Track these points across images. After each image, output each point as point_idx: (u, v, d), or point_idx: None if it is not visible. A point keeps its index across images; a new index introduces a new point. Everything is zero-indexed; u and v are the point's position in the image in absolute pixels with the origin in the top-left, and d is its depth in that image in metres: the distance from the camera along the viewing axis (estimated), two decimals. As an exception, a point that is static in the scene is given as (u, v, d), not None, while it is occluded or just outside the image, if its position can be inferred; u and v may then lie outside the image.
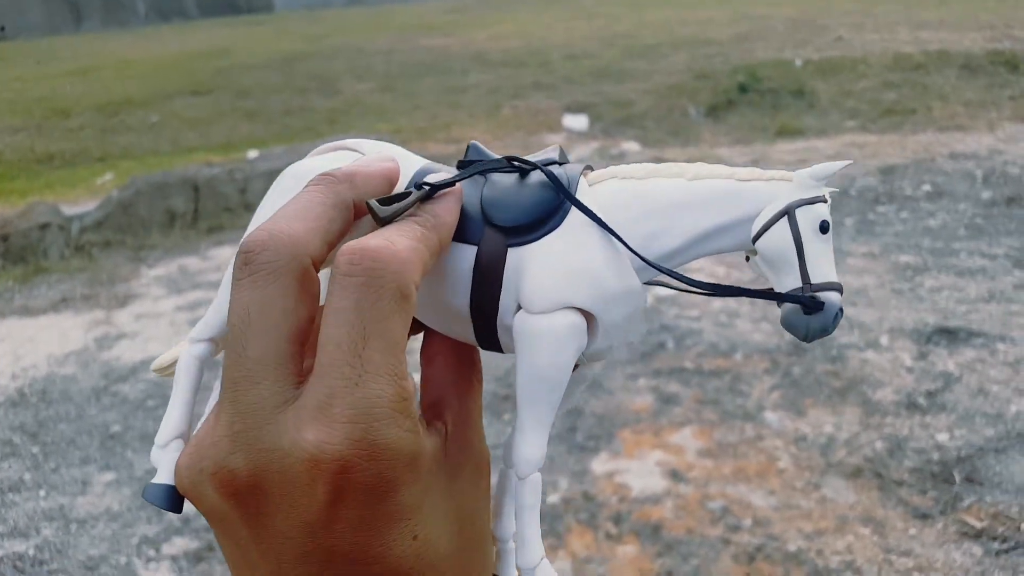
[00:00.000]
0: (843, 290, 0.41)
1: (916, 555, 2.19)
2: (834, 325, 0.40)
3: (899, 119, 6.87)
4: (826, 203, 0.42)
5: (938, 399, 2.88)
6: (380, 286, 0.34)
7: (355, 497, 0.34)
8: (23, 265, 4.99)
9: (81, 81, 11.16)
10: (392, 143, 0.46)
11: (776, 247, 0.41)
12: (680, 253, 0.42)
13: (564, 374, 0.40)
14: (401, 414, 0.34)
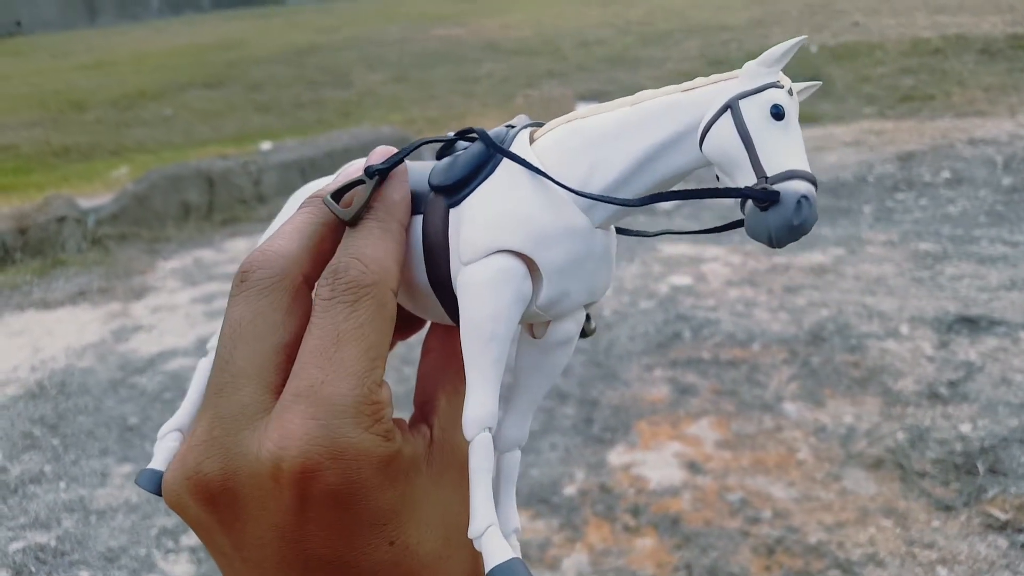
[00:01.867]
0: (813, 178, 0.36)
1: (940, 547, 2.17)
2: (800, 217, 0.35)
3: (917, 105, 6.78)
4: (780, 88, 0.38)
5: (960, 389, 2.84)
6: (355, 300, 0.35)
7: (323, 500, 0.34)
8: (41, 258, 5.02)
9: (96, 75, 11.20)
10: (405, 134, 0.46)
11: (721, 146, 0.36)
12: (628, 181, 0.38)
13: (501, 325, 0.37)
14: (368, 416, 0.34)
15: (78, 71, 11.67)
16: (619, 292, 3.88)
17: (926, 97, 6.88)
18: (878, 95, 7.13)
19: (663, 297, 3.78)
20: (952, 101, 6.72)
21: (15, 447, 3.11)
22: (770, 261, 4.08)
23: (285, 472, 0.33)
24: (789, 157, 0.36)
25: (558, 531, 2.37)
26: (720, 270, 4.03)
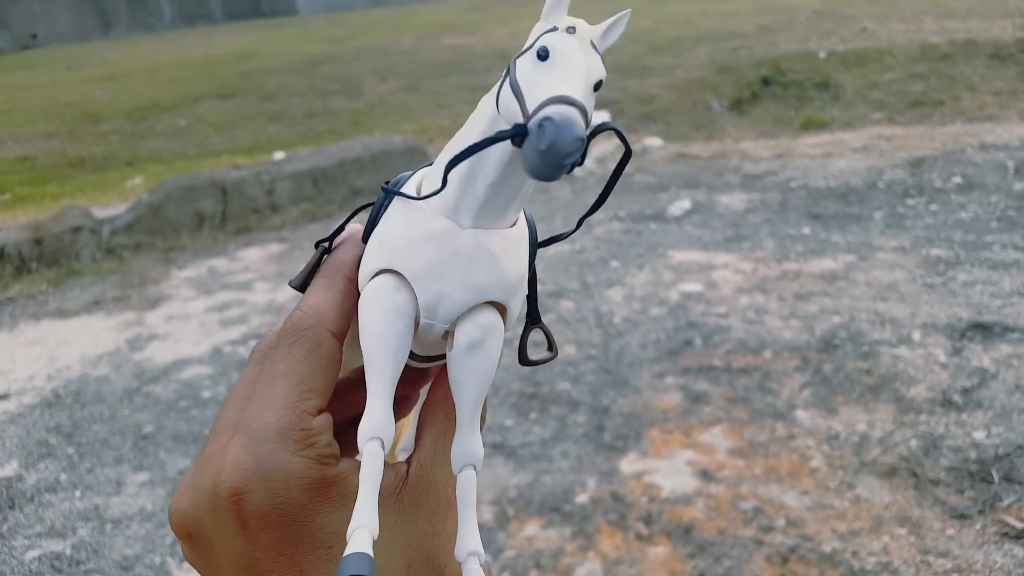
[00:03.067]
0: (569, 99, 0.35)
1: (955, 556, 2.16)
2: (544, 142, 0.34)
3: (927, 110, 6.76)
4: (554, 31, 0.38)
5: (974, 396, 2.83)
6: (292, 342, 0.39)
7: (259, 522, 0.36)
8: (56, 268, 5.06)
9: (110, 86, 11.31)
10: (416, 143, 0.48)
11: (504, 107, 0.36)
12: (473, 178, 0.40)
13: (377, 338, 0.39)
14: (295, 441, 0.37)
15: (93, 83, 11.78)
16: (630, 299, 3.88)
17: (936, 102, 6.86)
18: (887, 101, 7.11)
19: (674, 304, 3.78)
20: (962, 106, 6.70)
21: (31, 455, 3.14)
22: (781, 268, 4.08)
23: (222, 497, 0.36)
24: (548, 88, 0.36)
25: (570, 540, 2.38)
26: (731, 277, 4.03)
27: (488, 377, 0.44)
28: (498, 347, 0.43)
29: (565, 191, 5.78)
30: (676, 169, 6.02)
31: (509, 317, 0.44)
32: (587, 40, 0.40)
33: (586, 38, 0.40)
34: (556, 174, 0.35)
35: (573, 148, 0.34)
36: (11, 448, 3.20)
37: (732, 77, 7.96)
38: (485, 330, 0.43)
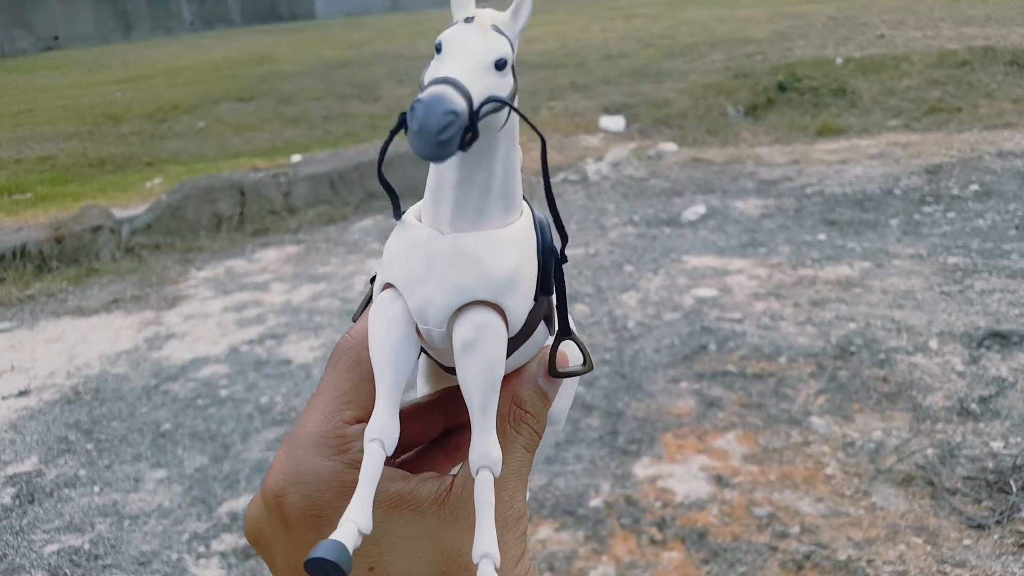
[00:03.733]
0: (444, 79, 0.37)
1: (972, 566, 2.15)
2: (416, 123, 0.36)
3: (944, 117, 6.72)
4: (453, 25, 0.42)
5: (991, 405, 2.81)
6: (335, 360, 0.44)
7: (299, 523, 0.39)
8: (76, 267, 5.12)
9: (131, 88, 11.42)
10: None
11: None
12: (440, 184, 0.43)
13: (377, 345, 0.43)
14: (330, 447, 0.40)
15: (113, 84, 11.90)
16: (644, 304, 3.89)
17: (953, 109, 6.83)
18: (904, 107, 7.08)
19: (688, 309, 3.78)
20: (980, 113, 6.66)
21: (51, 451, 3.17)
22: (796, 274, 4.07)
23: (268, 500, 0.40)
24: (431, 76, 0.39)
25: (584, 543, 2.38)
26: (745, 282, 4.03)
27: (490, 376, 0.45)
28: (495, 346, 0.44)
29: (579, 195, 5.79)
30: (691, 174, 6.01)
31: (510, 317, 0.45)
32: (487, 24, 0.42)
33: (486, 23, 0.42)
34: (438, 151, 0.37)
35: (444, 122, 0.36)
36: (31, 443, 3.24)
37: (748, 83, 7.95)
38: (478, 329, 0.44)
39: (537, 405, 0.51)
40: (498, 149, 0.45)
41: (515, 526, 0.48)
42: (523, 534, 0.49)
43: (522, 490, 0.49)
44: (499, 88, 0.42)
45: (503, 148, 0.45)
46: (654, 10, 13.73)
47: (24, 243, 5.13)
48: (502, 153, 0.45)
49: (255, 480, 2.86)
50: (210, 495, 2.81)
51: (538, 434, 0.50)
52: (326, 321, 4.08)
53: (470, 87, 0.40)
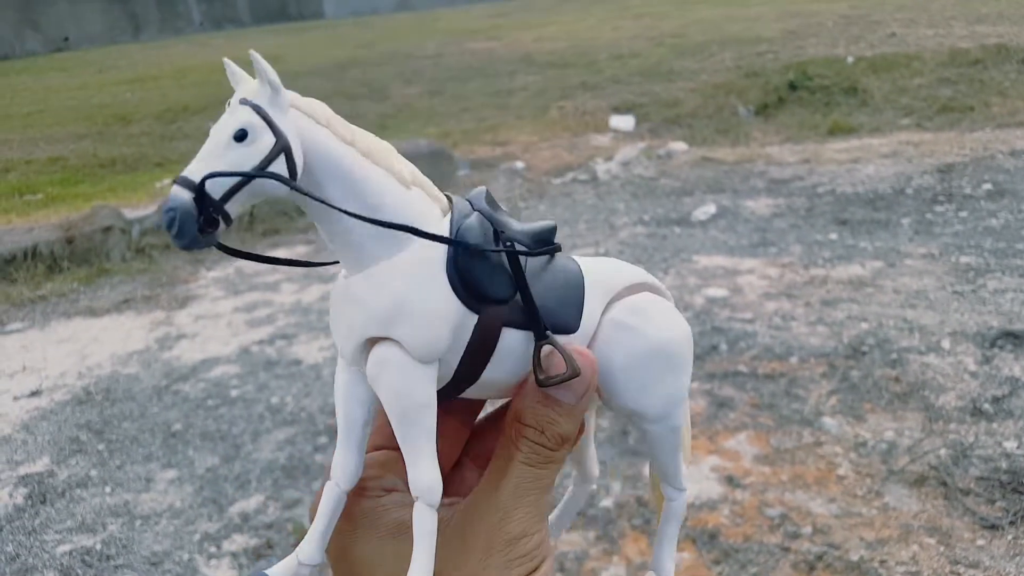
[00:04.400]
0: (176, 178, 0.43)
1: (985, 567, 2.13)
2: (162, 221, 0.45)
3: (956, 116, 6.68)
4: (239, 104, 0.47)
5: (1005, 405, 2.79)
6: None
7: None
8: (87, 267, 5.14)
9: (140, 89, 11.47)
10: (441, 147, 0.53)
11: None
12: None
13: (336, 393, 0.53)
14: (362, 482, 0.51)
15: (123, 85, 11.95)
16: (655, 304, 3.87)
17: (965, 108, 6.78)
18: (916, 106, 7.04)
19: (699, 309, 3.77)
20: (992, 112, 6.62)
21: (62, 452, 3.19)
22: (808, 274, 4.05)
23: None
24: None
25: (595, 544, 2.38)
26: (756, 282, 4.01)
27: (399, 406, 0.48)
28: (395, 377, 0.47)
29: (589, 194, 5.78)
30: (701, 173, 6.00)
31: (408, 345, 0.47)
32: (235, 99, 0.47)
33: (235, 97, 0.47)
34: (179, 243, 0.43)
35: (167, 220, 0.43)
36: (43, 444, 3.26)
37: (758, 82, 7.92)
38: (378, 364, 0.48)
39: (539, 416, 0.50)
40: (332, 198, 0.48)
41: (504, 550, 0.48)
42: (520, 557, 0.48)
43: (521, 509, 0.49)
44: (242, 159, 0.45)
45: (336, 194, 0.48)
46: (664, 9, 13.69)
47: (35, 244, 5.15)
48: (338, 199, 0.48)
49: (265, 480, 2.86)
50: (221, 495, 2.81)
51: (543, 446, 0.49)
52: (336, 321, 4.08)
53: (198, 175, 0.44)
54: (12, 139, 8.97)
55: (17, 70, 15.24)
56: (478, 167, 6.59)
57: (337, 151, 0.48)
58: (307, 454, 2.99)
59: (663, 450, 0.57)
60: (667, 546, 0.61)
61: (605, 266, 0.57)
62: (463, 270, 0.49)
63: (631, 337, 0.54)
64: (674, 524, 0.61)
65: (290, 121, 0.47)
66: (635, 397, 0.54)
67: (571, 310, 0.53)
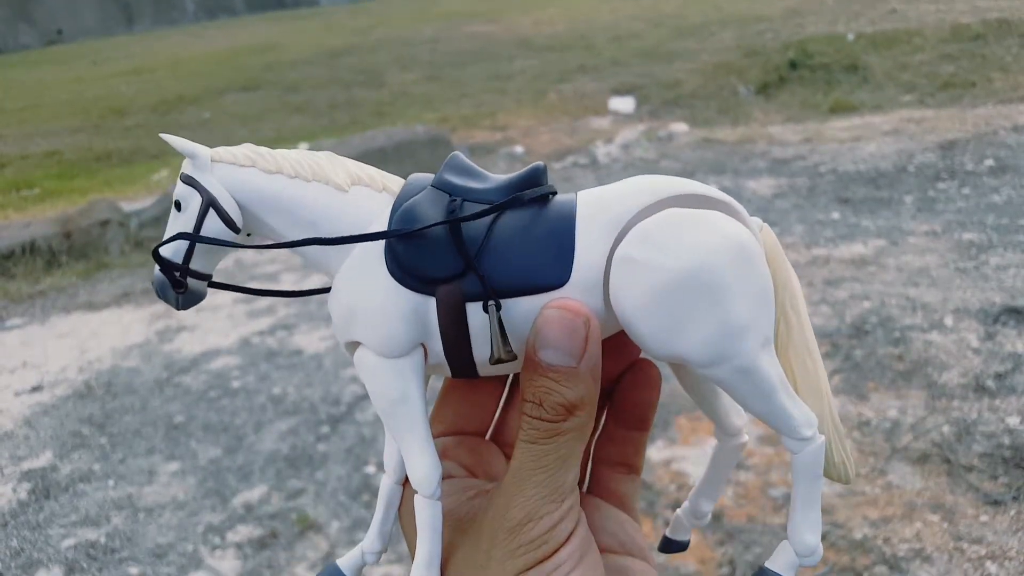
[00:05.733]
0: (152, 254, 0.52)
1: (988, 543, 2.13)
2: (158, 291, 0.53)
3: (958, 92, 6.63)
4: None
5: (1007, 381, 2.78)
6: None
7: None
8: (85, 261, 5.13)
9: (135, 80, 11.42)
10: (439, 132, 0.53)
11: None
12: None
13: None
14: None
15: (118, 77, 11.90)
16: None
17: (967, 84, 6.73)
18: (917, 83, 6.99)
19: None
20: (994, 87, 6.57)
21: (64, 446, 3.19)
22: (810, 254, 4.03)
23: None
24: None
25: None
26: (758, 263, 3.98)
27: (379, 405, 0.50)
28: (369, 377, 0.49)
29: (589, 178, 5.75)
30: (702, 154, 5.96)
31: (371, 344, 0.49)
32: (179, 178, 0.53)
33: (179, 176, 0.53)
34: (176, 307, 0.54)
35: (154, 291, 0.53)
36: (45, 439, 3.26)
37: (759, 61, 7.86)
38: (357, 367, 0.50)
39: (535, 387, 0.45)
40: (275, 228, 0.52)
41: (507, 538, 0.44)
42: (525, 545, 0.43)
43: (525, 491, 0.44)
44: (182, 225, 0.51)
45: (277, 223, 0.52)
46: (660, -11, 13.59)
47: (33, 239, 5.14)
48: (281, 227, 0.52)
49: (269, 471, 2.86)
50: (224, 486, 2.81)
51: (541, 419, 0.44)
52: (336, 310, 4.07)
53: (162, 249, 0.51)
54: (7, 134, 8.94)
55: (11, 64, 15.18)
56: (477, 152, 6.55)
57: (264, 185, 0.52)
58: (310, 444, 2.98)
59: (747, 398, 0.48)
60: (801, 512, 0.50)
61: (617, 192, 0.50)
62: (400, 257, 0.48)
63: (640, 272, 0.46)
64: (804, 483, 0.50)
65: (215, 176, 0.52)
66: (666, 341, 0.46)
67: (555, 261, 0.47)
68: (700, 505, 0.60)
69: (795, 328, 0.51)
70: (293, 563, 2.40)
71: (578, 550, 0.45)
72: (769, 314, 0.47)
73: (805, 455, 0.49)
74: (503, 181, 0.51)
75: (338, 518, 2.57)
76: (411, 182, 0.52)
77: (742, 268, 0.46)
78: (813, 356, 0.51)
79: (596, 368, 0.45)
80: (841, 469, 0.52)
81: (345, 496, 2.67)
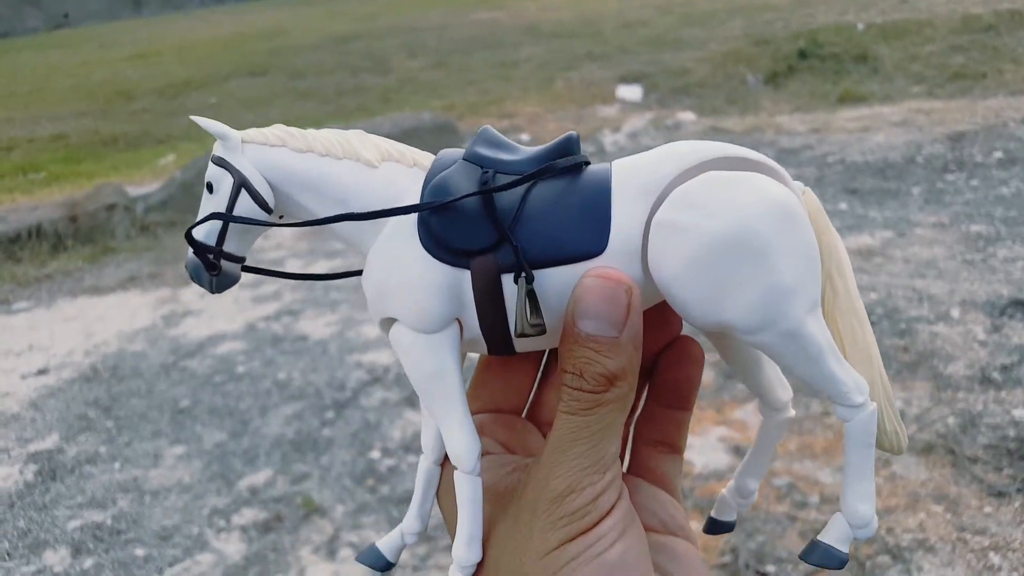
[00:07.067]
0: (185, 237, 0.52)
1: (992, 534, 2.13)
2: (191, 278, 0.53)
3: (968, 83, 6.59)
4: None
5: (1013, 373, 2.77)
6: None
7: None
8: (92, 245, 5.14)
9: (142, 65, 11.41)
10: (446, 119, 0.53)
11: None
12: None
13: None
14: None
15: (124, 61, 11.89)
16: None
17: (977, 75, 6.68)
18: (927, 74, 6.94)
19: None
20: (1005, 79, 6.52)
21: (71, 429, 3.20)
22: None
23: None
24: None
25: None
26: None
27: (414, 380, 0.49)
28: (404, 353, 0.49)
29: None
30: (708, 144, 5.93)
31: (404, 318, 0.48)
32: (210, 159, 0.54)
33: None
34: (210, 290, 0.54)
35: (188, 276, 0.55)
36: (51, 421, 3.27)
37: (768, 50, 7.82)
38: (392, 344, 0.50)
39: (576, 357, 0.44)
40: (306, 206, 0.52)
41: (548, 509, 0.43)
42: (566, 517, 0.43)
43: (566, 462, 0.44)
44: (214, 207, 0.52)
45: (308, 201, 0.52)
46: (669, -23, 13.50)
47: (39, 222, 5.15)
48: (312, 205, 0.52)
49: (274, 455, 2.87)
50: (229, 470, 2.83)
51: (582, 390, 0.44)
52: (342, 297, 4.08)
53: (195, 231, 0.52)
54: (14, 117, 8.95)
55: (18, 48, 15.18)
56: (483, 140, 6.52)
57: (295, 163, 0.52)
58: (315, 428, 2.99)
59: (795, 363, 0.46)
60: (854, 482, 0.48)
61: (653, 157, 0.49)
62: (433, 230, 0.48)
63: (681, 237, 0.44)
64: (856, 452, 0.48)
65: (246, 157, 0.52)
66: (709, 308, 0.45)
67: (591, 230, 0.46)
68: (746, 483, 0.59)
69: (842, 293, 0.50)
70: (298, 546, 2.41)
71: (621, 522, 0.44)
72: (816, 276, 0.46)
73: (857, 423, 0.48)
74: (535, 152, 0.51)
75: (343, 502, 2.58)
76: (441, 157, 0.52)
77: (787, 229, 0.45)
78: (862, 322, 0.50)
79: (638, 337, 0.44)
80: (893, 438, 0.50)
81: (350, 480, 2.68)
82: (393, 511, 2.51)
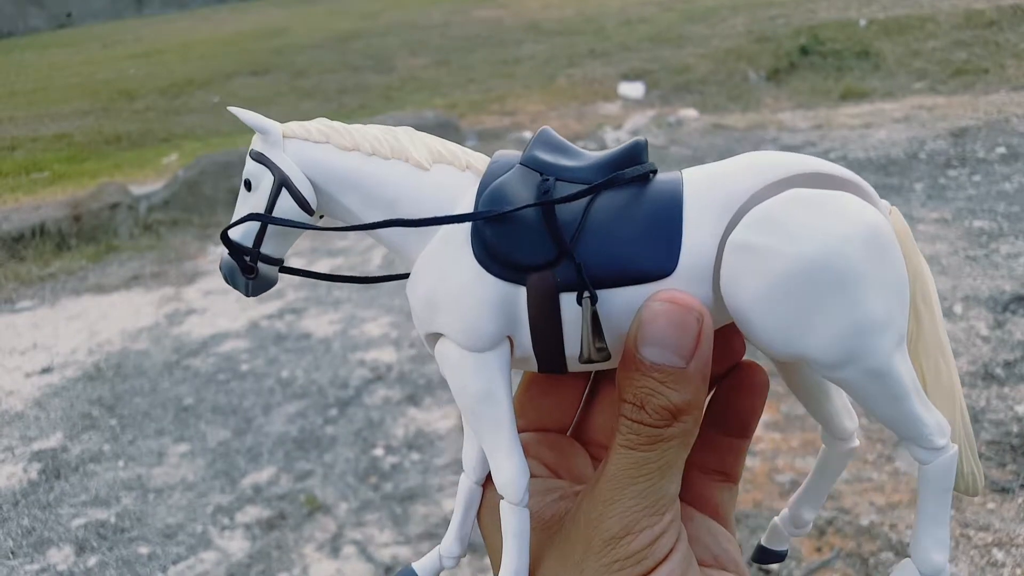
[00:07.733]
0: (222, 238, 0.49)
1: (995, 530, 2.13)
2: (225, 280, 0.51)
3: (970, 79, 6.57)
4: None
5: (1016, 369, 2.77)
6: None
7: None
8: (95, 244, 5.15)
9: (145, 64, 11.42)
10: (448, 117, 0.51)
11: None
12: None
13: None
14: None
15: (127, 60, 11.90)
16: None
17: (980, 71, 6.67)
18: (929, 69, 6.92)
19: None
20: (1007, 74, 6.50)
21: (75, 427, 3.21)
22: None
23: None
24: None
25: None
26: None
27: (462, 403, 0.46)
28: (450, 372, 0.46)
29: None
30: (712, 141, 5.93)
31: (452, 334, 0.45)
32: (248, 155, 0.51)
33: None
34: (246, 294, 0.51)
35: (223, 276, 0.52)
36: (55, 420, 3.28)
37: (769, 46, 7.81)
38: (438, 360, 0.47)
39: (637, 388, 0.40)
40: (350, 208, 0.49)
41: (601, 551, 0.40)
42: (622, 560, 0.40)
43: (624, 501, 0.40)
44: (252, 206, 0.49)
45: (352, 203, 0.49)
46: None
47: (43, 221, 5.16)
48: (357, 207, 0.49)
49: (277, 453, 2.88)
50: (233, 468, 2.83)
51: (643, 423, 0.40)
52: (344, 295, 4.08)
53: (231, 231, 0.49)
54: (17, 116, 8.96)
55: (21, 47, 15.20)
56: (485, 138, 6.54)
57: (339, 163, 0.49)
58: (318, 427, 3.00)
59: (875, 402, 0.43)
60: (928, 528, 0.45)
61: (729, 170, 0.45)
62: (487, 242, 0.44)
63: (761, 261, 0.41)
64: (932, 497, 0.45)
65: (287, 153, 0.49)
66: (788, 339, 0.42)
67: (659, 248, 0.43)
68: (802, 513, 0.56)
69: (927, 324, 0.46)
70: (301, 544, 2.42)
71: (679, 567, 0.41)
72: (905, 309, 0.43)
73: (936, 467, 0.44)
74: (599, 158, 0.47)
75: (346, 500, 2.58)
76: (497, 159, 0.48)
77: (877, 256, 0.42)
78: (946, 356, 0.46)
79: (706, 368, 0.41)
80: (970, 480, 0.47)
81: (353, 478, 2.68)
82: (396, 508, 2.52)
